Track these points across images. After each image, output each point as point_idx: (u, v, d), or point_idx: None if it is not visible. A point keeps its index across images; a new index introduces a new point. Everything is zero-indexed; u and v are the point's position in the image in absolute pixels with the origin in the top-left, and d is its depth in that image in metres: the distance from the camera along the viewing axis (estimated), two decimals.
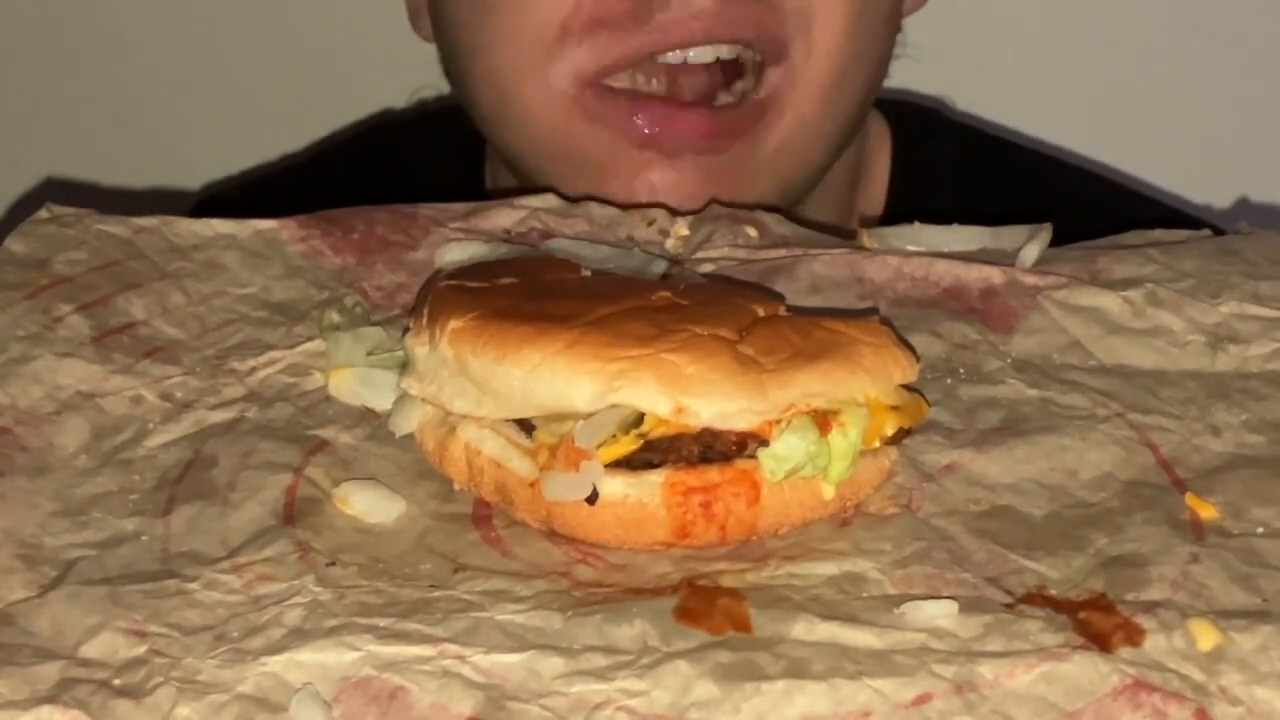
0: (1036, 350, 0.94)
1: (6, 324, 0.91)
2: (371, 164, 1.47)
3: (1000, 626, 0.72)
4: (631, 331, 0.77)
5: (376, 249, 1.00)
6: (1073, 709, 0.69)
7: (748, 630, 0.72)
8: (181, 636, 0.72)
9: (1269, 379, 0.91)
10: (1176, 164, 1.62)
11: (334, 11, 1.72)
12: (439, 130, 1.44)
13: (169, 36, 1.74)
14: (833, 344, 0.79)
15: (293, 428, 0.86)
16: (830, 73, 1.15)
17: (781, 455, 0.77)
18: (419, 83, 1.50)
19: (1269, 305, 0.95)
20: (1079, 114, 1.65)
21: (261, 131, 1.71)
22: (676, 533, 0.77)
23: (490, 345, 0.78)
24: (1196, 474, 0.84)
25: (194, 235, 1.00)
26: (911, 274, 0.99)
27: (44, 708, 0.68)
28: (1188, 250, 1.01)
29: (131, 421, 0.87)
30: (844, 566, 0.77)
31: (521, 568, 0.77)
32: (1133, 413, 0.88)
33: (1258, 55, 1.63)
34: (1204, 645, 0.72)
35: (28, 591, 0.76)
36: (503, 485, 0.79)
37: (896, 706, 0.68)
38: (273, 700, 0.69)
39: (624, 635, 0.72)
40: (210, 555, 0.77)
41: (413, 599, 0.74)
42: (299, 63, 1.73)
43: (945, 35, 1.35)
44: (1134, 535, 0.79)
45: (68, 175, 1.75)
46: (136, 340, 0.92)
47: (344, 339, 0.90)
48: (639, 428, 0.76)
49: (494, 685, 0.69)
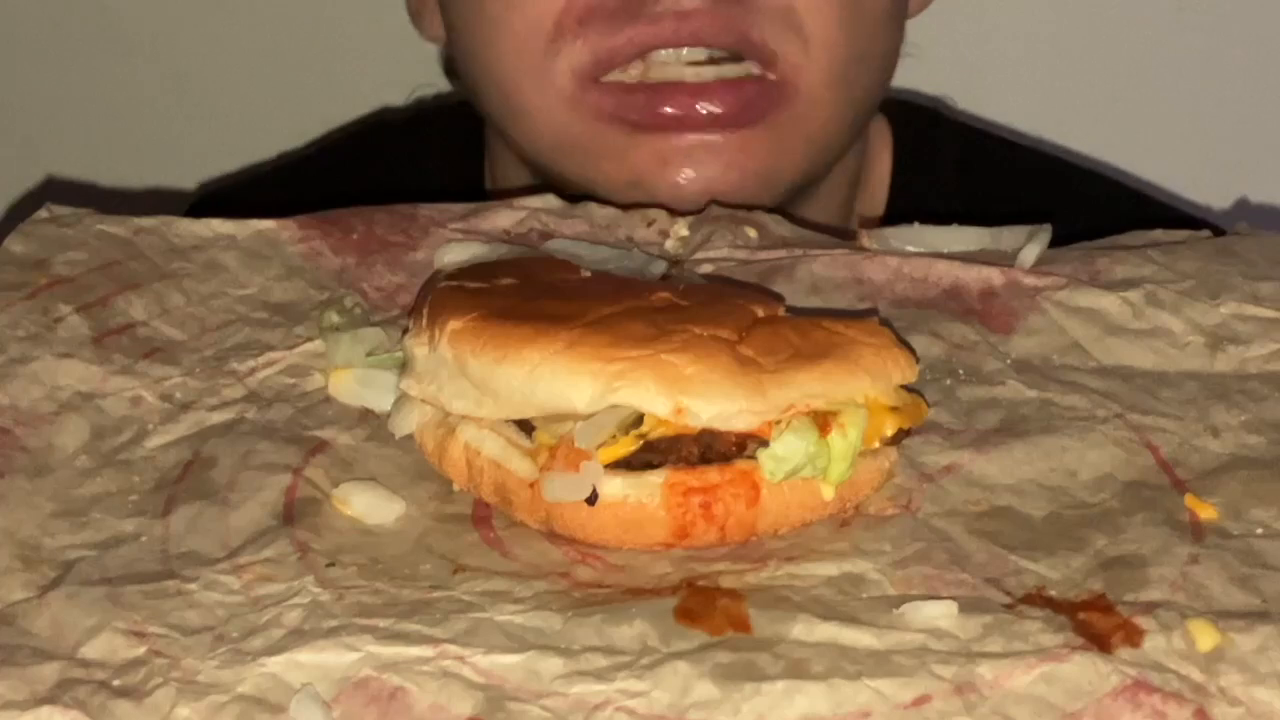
0: (1036, 351, 0.94)
1: (6, 324, 0.91)
2: (369, 162, 1.46)
3: (1000, 627, 0.73)
4: (631, 332, 0.77)
5: (376, 249, 1.00)
6: (1072, 709, 0.69)
7: (747, 631, 0.72)
8: (181, 637, 0.72)
9: (1269, 379, 0.91)
10: (1176, 164, 1.62)
11: (332, 10, 1.72)
12: (437, 129, 1.44)
13: (168, 36, 1.74)
14: (832, 344, 0.79)
15: (292, 428, 0.86)
16: (833, 64, 1.14)
17: (781, 456, 0.77)
18: (417, 81, 1.50)
19: (1269, 306, 0.95)
20: (1079, 114, 1.65)
21: (261, 131, 1.71)
22: (676, 533, 0.77)
23: (490, 346, 0.78)
24: (1196, 475, 0.84)
25: (194, 236, 1.00)
26: (911, 275, 0.99)
27: (43, 708, 0.68)
28: (1187, 251, 1.01)
29: (131, 422, 0.87)
30: (844, 567, 0.77)
31: (521, 568, 0.77)
32: (1132, 413, 0.88)
33: (1258, 55, 1.63)
34: (1203, 646, 0.72)
35: (27, 592, 0.75)
36: (502, 486, 0.79)
37: (896, 707, 0.68)
38: (272, 701, 0.69)
39: (624, 636, 0.72)
40: (210, 556, 0.77)
41: (412, 600, 0.74)
42: (298, 62, 1.73)
43: (945, 34, 1.35)
44: (1133, 536, 0.79)
45: (68, 175, 1.75)
46: (136, 341, 0.92)
47: (344, 339, 0.90)
48: (639, 428, 0.76)
49: (494, 686, 0.69)
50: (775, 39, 1.12)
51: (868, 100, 1.22)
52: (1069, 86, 1.66)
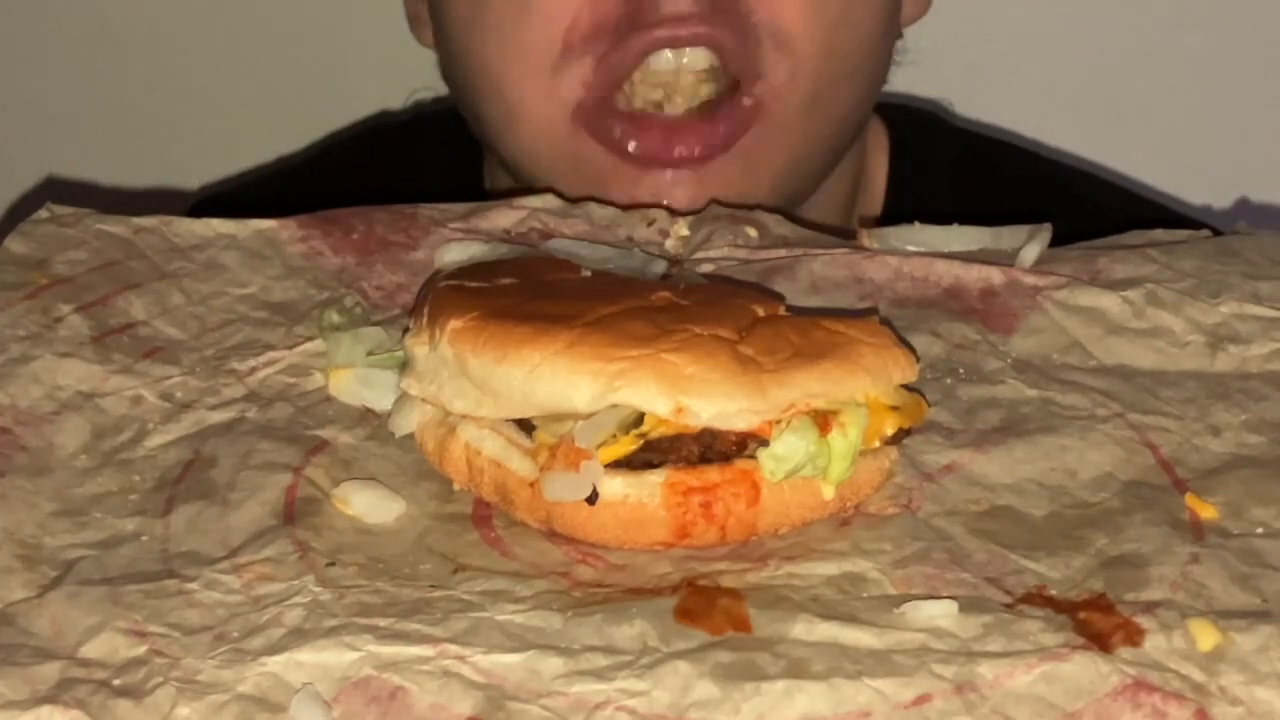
0: (1036, 350, 0.94)
1: (6, 324, 0.91)
2: (370, 165, 1.47)
3: (1000, 626, 0.72)
4: (631, 331, 0.77)
5: (376, 249, 1.00)
6: (1073, 709, 0.69)
7: (748, 630, 0.72)
8: (181, 636, 0.72)
9: (1269, 379, 0.91)
10: (1176, 164, 1.62)
11: (332, 12, 1.72)
12: (437, 132, 1.44)
13: (168, 37, 1.74)
14: (833, 344, 0.79)
15: (293, 428, 0.86)
16: (813, 87, 1.15)
17: (781, 455, 0.77)
18: (417, 84, 1.50)
19: (1269, 305, 0.95)
20: (1078, 115, 1.65)
21: (261, 132, 1.71)
22: (676, 533, 0.77)
23: (490, 345, 0.78)
24: (1196, 474, 0.84)
25: (194, 235, 1.00)
26: (911, 274, 0.99)
27: (44, 708, 0.68)
28: (1188, 250, 1.01)
29: (131, 421, 0.87)
30: (844, 566, 0.77)
31: (521, 568, 0.77)
32: (1133, 413, 0.88)
33: (1258, 55, 1.63)
34: (1204, 645, 0.72)
35: (27, 591, 0.75)
36: (503, 485, 0.79)
37: (896, 706, 0.68)
38: (273, 700, 0.69)
39: (624, 635, 0.72)
40: (210, 555, 0.77)
41: (413, 599, 0.74)
42: (298, 63, 1.73)
43: (941, 38, 1.35)
44: (1134, 535, 0.79)
45: (68, 175, 1.75)
46: (136, 340, 0.92)
47: (344, 339, 0.90)
48: (639, 428, 0.76)
49: (494, 685, 0.69)
50: (765, 57, 1.13)
51: (850, 118, 1.23)
52: (1067, 87, 1.66)
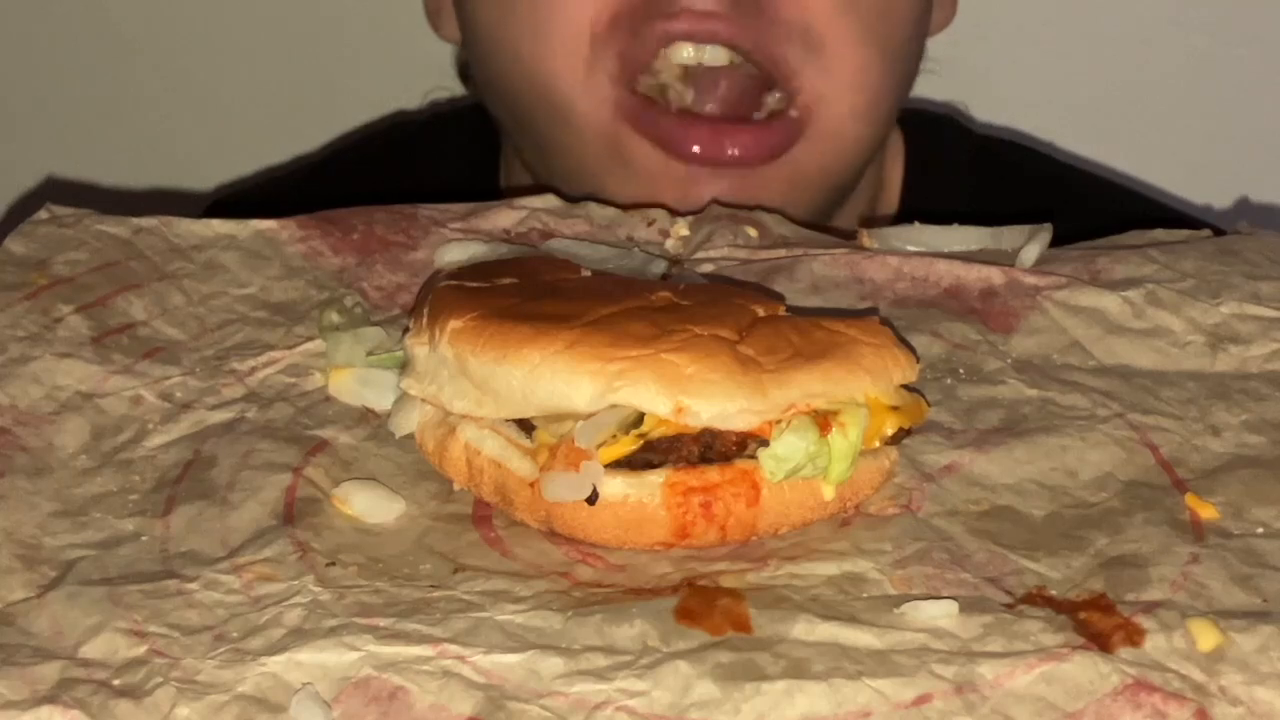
0: (1036, 350, 0.94)
1: (6, 324, 0.91)
2: (386, 165, 1.47)
3: (1000, 627, 0.73)
4: (631, 331, 0.77)
5: (376, 249, 1.00)
6: (1073, 709, 0.69)
7: (748, 630, 0.72)
8: (181, 637, 0.72)
9: (1269, 379, 0.91)
10: (1176, 164, 1.62)
11: (345, 11, 1.72)
12: (453, 131, 1.44)
13: (172, 36, 1.74)
14: (833, 344, 0.79)
15: (292, 428, 0.86)
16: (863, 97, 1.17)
17: (781, 455, 0.77)
18: (431, 84, 1.50)
19: (1269, 305, 0.95)
20: (1078, 115, 1.65)
21: (265, 132, 1.71)
22: (676, 533, 0.77)
23: (490, 345, 0.78)
24: (1197, 474, 0.84)
25: (193, 235, 1.00)
26: (911, 274, 0.99)
27: (44, 708, 0.68)
28: (1188, 250, 1.01)
29: (131, 422, 0.87)
30: (844, 567, 0.77)
31: (521, 568, 0.77)
32: (1133, 413, 0.88)
33: (1258, 55, 1.63)
34: (1204, 645, 0.72)
35: (27, 592, 0.76)
36: (502, 485, 0.79)
37: (896, 706, 0.68)
38: (272, 700, 0.69)
39: (624, 635, 0.72)
40: (210, 555, 0.77)
41: (413, 599, 0.74)
42: (299, 64, 1.73)
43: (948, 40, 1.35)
44: (1134, 535, 0.79)
45: (68, 175, 1.75)
46: (136, 340, 0.92)
47: (344, 339, 0.90)
48: (639, 428, 0.76)
49: (494, 685, 0.69)
50: (794, 57, 1.14)
51: (889, 124, 1.25)
52: (1067, 87, 1.66)
